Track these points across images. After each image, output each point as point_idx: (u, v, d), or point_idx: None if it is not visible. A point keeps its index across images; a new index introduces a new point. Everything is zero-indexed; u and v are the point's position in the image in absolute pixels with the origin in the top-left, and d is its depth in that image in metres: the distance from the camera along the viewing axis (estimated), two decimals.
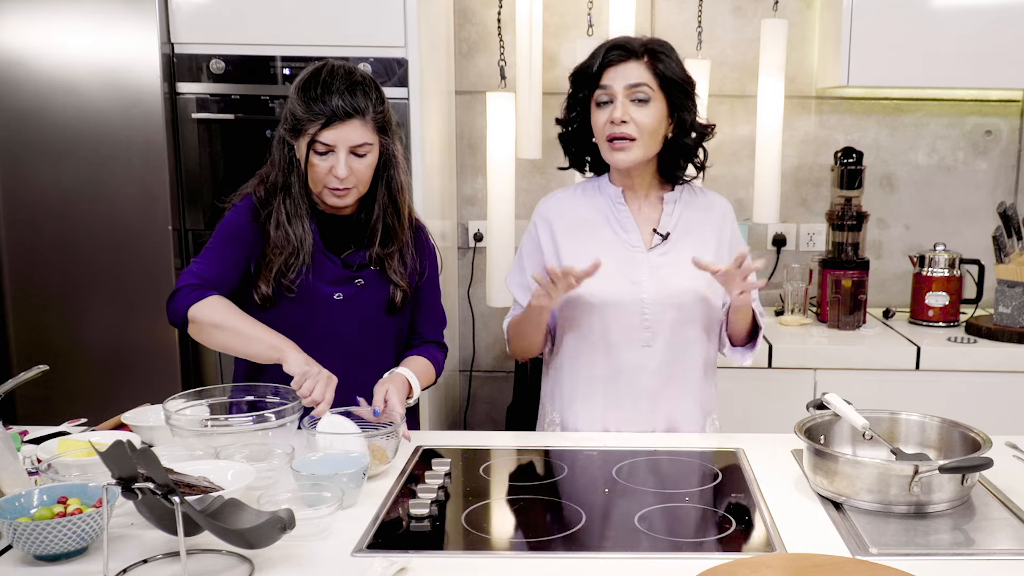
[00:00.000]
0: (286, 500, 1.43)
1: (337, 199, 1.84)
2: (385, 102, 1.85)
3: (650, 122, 1.84)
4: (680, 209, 1.95)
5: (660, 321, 1.89)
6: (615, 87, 1.84)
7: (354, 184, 1.82)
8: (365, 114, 1.79)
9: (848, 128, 3.27)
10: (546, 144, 3.18)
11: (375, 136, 1.82)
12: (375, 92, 1.82)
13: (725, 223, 1.97)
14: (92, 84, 2.58)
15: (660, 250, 1.91)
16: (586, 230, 1.94)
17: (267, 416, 1.64)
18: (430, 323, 2.05)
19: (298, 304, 1.87)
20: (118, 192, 2.63)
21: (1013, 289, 2.86)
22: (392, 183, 1.90)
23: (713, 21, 3.17)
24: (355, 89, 1.79)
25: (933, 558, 1.34)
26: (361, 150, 1.80)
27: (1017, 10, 2.85)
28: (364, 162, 1.82)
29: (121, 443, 1.20)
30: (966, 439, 1.61)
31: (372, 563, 1.28)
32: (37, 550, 1.28)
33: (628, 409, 1.93)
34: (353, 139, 1.79)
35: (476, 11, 3.21)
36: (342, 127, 1.77)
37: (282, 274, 1.85)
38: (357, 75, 1.82)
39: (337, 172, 1.79)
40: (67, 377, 2.63)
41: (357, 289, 1.91)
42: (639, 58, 1.85)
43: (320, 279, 1.88)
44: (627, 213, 1.93)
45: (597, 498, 1.58)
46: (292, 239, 1.84)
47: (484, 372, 3.43)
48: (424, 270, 1.99)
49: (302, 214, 1.86)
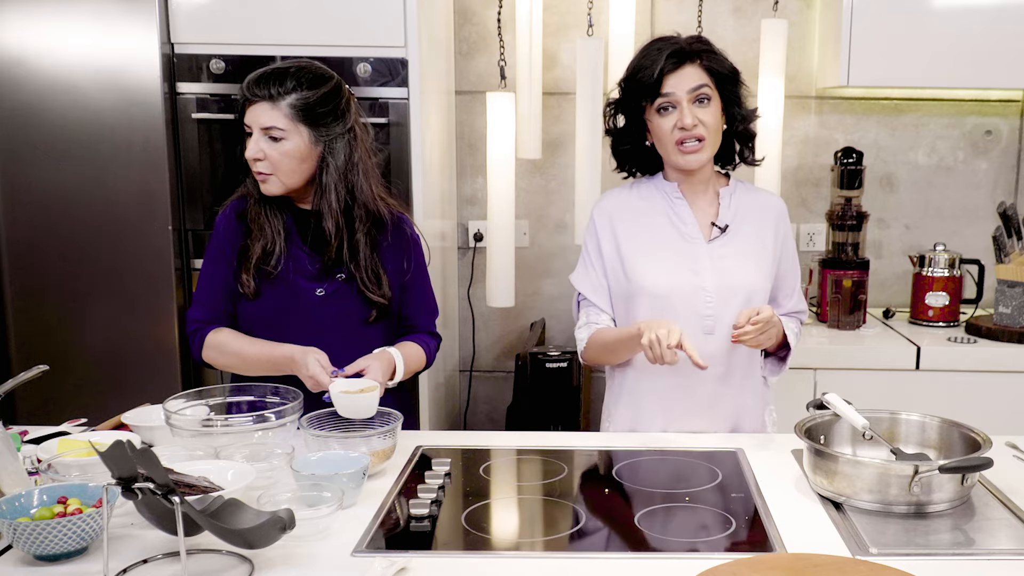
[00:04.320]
0: (286, 500, 1.43)
1: (262, 184, 1.87)
2: (316, 93, 1.84)
3: (714, 120, 1.89)
4: (736, 203, 1.98)
5: (722, 310, 1.91)
6: (678, 93, 1.87)
7: (270, 170, 1.85)
8: (276, 99, 1.82)
9: (848, 128, 3.27)
10: (546, 144, 3.18)
11: (290, 124, 1.83)
12: (303, 82, 1.84)
13: (780, 220, 2.01)
14: (92, 84, 2.58)
15: (720, 242, 1.95)
16: (646, 224, 1.97)
17: (267, 416, 1.64)
18: (421, 313, 2.05)
19: (281, 299, 1.91)
20: (118, 192, 2.63)
21: (1013, 289, 2.86)
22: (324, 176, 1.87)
23: (713, 21, 3.17)
24: (274, 76, 1.84)
25: (933, 558, 1.34)
26: (272, 133, 1.83)
27: (1017, 10, 2.85)
28: (278, 147, 1.84)
29: (121, 443, 1.20)
30: (966, 439, 1.61)
31: (372, 563, 1.28)
32: (37, 550, 1.28)
33: (692, 398, 1.95)
34: (262, 121, 1.83)
35: (476, 11, 3.21)
36: (254, 108, 1.84)
37: (263, 261, 1.89)
38: (284, 66, 1.86)
39: (247, 151, 1.85)
40: (67, 377, 2.62)
41: (339, 285, 1.92)
42: (693, 61, 1.88)
43: (299, 274, 1.91)
44: (684, 206, 1.96)
45: (597, 498, 1.58)
46: (268, 224, 1.90)
47: (484, 372, 3.43)
48: (410, 266, 1.99)
49: (273, 205, 1.91)
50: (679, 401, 1.96)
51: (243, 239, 1.93)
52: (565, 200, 3.29)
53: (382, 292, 1.93)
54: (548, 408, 2.80)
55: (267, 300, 1.91)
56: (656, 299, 1.92)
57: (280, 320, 1.91)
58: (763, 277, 1.95)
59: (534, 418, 2.82)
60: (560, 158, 3.29)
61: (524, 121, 2.98)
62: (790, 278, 2.05)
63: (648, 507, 1.52)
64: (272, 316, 1.91)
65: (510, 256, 2.98)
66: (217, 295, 1.95)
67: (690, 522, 1.48)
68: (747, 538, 1.42)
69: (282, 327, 1.90)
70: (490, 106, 2.89)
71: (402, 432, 1.76)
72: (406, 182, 2.67)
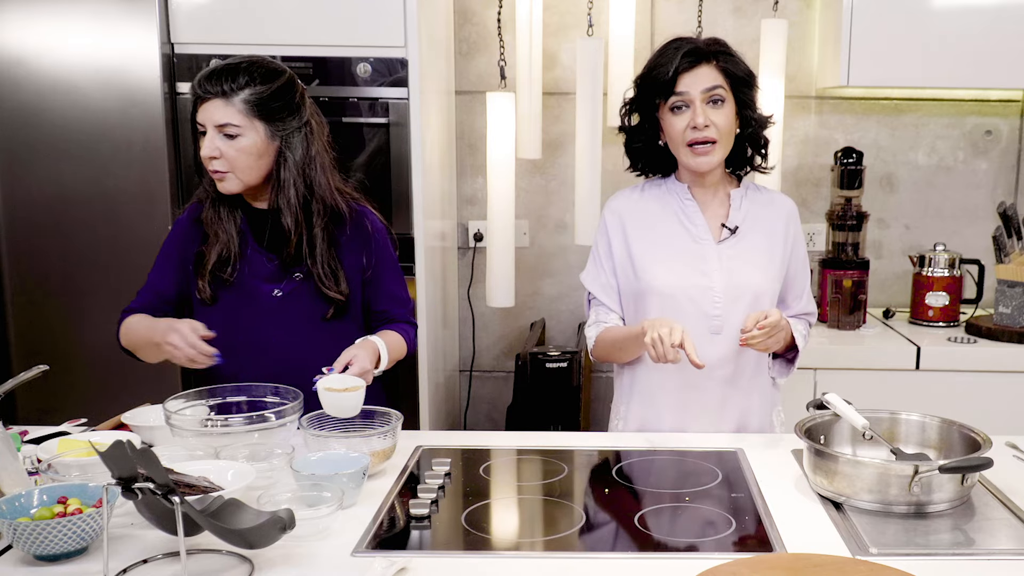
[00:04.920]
0: (286, 500, 1.43)
1: (219, 183, 1.86)
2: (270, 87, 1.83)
3: (727, 123, 1.89)
4: (747, 205, 1.99)
5: (730, 311, 1.91)
6: (692, 92, 1.87)
7: (227, 168, 1.83)
8: (228, 95, 1.80)
9: (848, 128, 3.27)
10: (546, 144, 3.18)
11: (245, 120, 1.81)
12: (256, 77, 1.82)
13: (790, 222, 2.01)
14: (92, 84, 2.58)
15: (729, 243, 1.95)
16: (655, 224, 1.98)
17: (267, 416, 1.64)
18: (394, 304, 2.03)
19: (238, 302, 1.90)
20: (118, 192, 2.63)
21: (1013, 289, 2.86)
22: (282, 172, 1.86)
23: (713, 21, 3.16)
24: (226, 71, 1.82)
25: (933, 558, 1.34)
26: (227, 130, 1.81)
27: (1017, 10, 2.85)
28: (234, 144, 1.82)
29: (121, 443, 1.20)
30: (966, 439, 1.60)
31: (372, 563, 1.28)
32: (37, 550, 1.28)
33: (698, 399, 1.95)
34: (216, 118, 1.81)
35: (476, 11, 3.21)
36: (206, 105, 1.82)
37: (219, 267, 1.89)
38: (235, 62, 1.85)
39: (203, 150, 1.83)
40: (67, 377, 2.62)
41: (296, 285, 1.91)
42: (709, 61, 1.88)
43: (255, 276, 1.91)
44: (695, 207, 1.97)
45: (597, 498, 1.58)
46: (222, 228, 1.89)
47: (484, 372, 3.43)
48: (371, 260, 1.97)
49: (226, 205, 1.90)
50: (686, 400, 1.96)
51: (199, 244, 1.92)
52: (565, 200, 3.29)
53: (339, 289, 1.91)
54: (548, 408, 2.80)
55: (224, 305, 1.91)
56: (665, 299, 1.93)
57: (238, 323, 1.90)
58: (771, 279, 1.95)
59: (534, 418, 2.82)
60: (560, 158, 3.29)
61: (524, 121, 2.98)
62: (799, 279, 2.05)
63: (648, 507, 1.52)
64: (230, 320, 1.89)
65: (510, 256, 2.98)
66: (152, 296, 1.96)
67: (690, 522, 1.48)
68: (747, 538, 1.42)
69: (240, 330, 1.89)
70: (490, 106, 2.89)
71: (402, 432, 1.75)
72: (406, 182, 2.67)
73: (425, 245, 2.72)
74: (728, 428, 1.96)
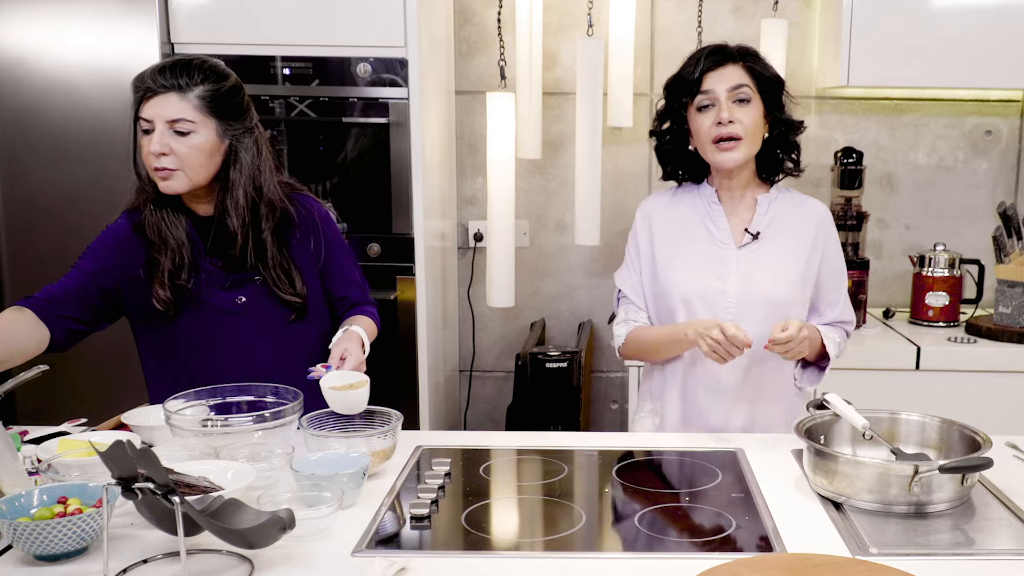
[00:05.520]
0: (286, 500, 1.43)
1: (164, 182, 1.79)
2: (223, 85, 1.80)
3: (753, 122, 1.89)
4: (774, 210, 1.98)
5: (744, 316, 1.91)
6: (717, 90, 1.88)
7: (176, 165, 1.77)
8: (184, 90, 1.76)
9: (848, 128, 3.27)
10: (546, 144, 3.18)
11: (199, 116, 1.77)
12: (209, 74, 1.79)
13: (821, 230, 1.99)
14: (92, 84, 2.58)
15: (750, 248, 1.95)
16: (681, 228, 1.99)
17: (267, 416, 1.64)
18: (352, 288, 2.02)
19: (203, 313, 1.87)
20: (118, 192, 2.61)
21: (1013, 289, 2.86)
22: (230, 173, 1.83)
23: (713, 21, 3.16)
24: (177, 67, 1.77)
25: (933, 558, 1.34)
26: (180, 127, 1.76)
27: (1017, 10, 2.85)
28: (186, 142, 1.76)
29: (121, 443, 1.20)
30: (966, 439, 1.60)
31: (372, 563, 1.28)
32: (37, 550, 1.28)
33: (710, 404, 1.96)
34: (169, 113, 1.75)
35: (476, 11, 3.21)
36: (157, 99, 1.75)
37: (174, 275, 1.84)
38: (189, 58, 1.81)
39: (151, 146, 1.76)
40: (67, 377, 2.62)
41: (258, 288, 1.89)
42: (735, 61, 1.90)
43: (213, 285, 1.87)
44: (720, 211, 1.98)
45: (597, 498, 1.58)
46: (170, 235, 1.83)
47: (484, 372, 3.43)
48: (320, 249, 1.95)
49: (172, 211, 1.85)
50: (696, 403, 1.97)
51: (145, 253, 1.86)
52: (565, 200, 3.29)
53: (295, 291, 1.89)
54: (548, 408, 2.81)
55: (188, 321, 1.87)
56: (680, 301, 1.94)
57: (207, 337, 1.86)
58: (791, 287, 1.93)
59: (534, 418, 2.82)
60: (560, 158, 3.29)
61: (524, 121, 2.98)
62: (832, 287, 2.01)
63: (648, 507, 1.52)
64: (199, 336, 1.86)
65: (510, 256, 2.98)
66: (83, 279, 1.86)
67: (690, 522, 1.48)
68: (747, 538, 1.41)
69: (211, 344, 1.87)
70: (490, 106, 2.89)
71: (402, 432, 1.75)
72: (406, 182, 2.67)
73: (425, 245, 2.72)
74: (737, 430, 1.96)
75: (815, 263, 1.97)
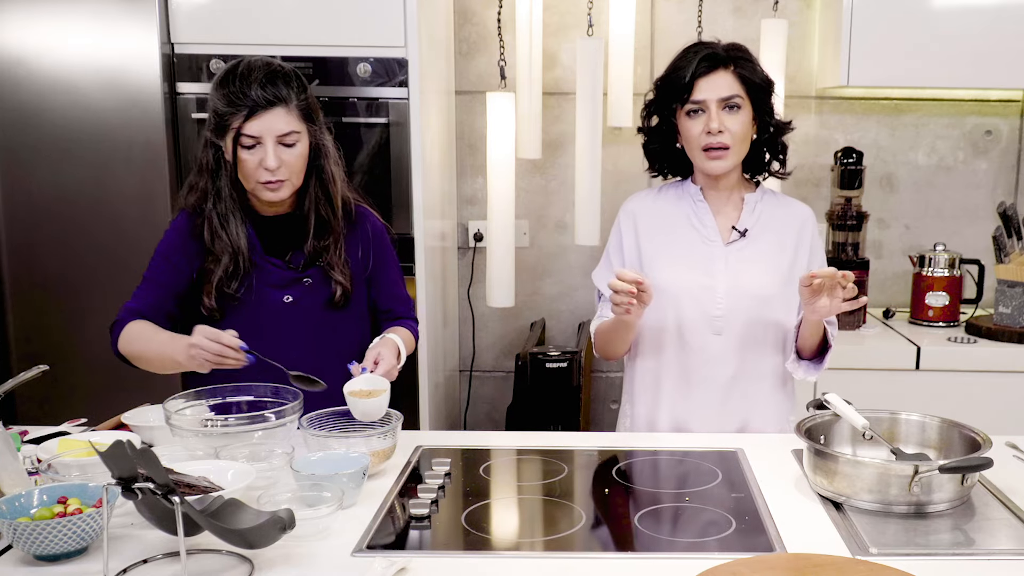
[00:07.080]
0: (286, 500, 1.43)
1: (271, 192, 1.81)
2: (307, 90, 1.83)
3: (742, 129, 1.90)
4: (760, 209, 1.99)
5: (733, 314, 1.92)
6: (708, 99, 1.88)
7: (286, 176, 1.79)
8: (288, 102, 1.77)
9: (848, 128, 3.27)
10: (546, 144, 3.18)
11: (302, 124, 1.80)
12: (296, 81, 1.81)
13: (805, 229, 2.00)
14: (92, 84, 2.58)
15: (737, 246, 1.96)
16: (667, 226, 2.00)
17: (267, 416, 1.64)
18: (398, 303, 2.05)
19: (248, 311, 1.87)
20: (118, 192, 2.63)
21: (1013, 289, 2.86)
22: (323, 173, 1.88)
23: (713, 21, 3.16)
24: (274, 78, 1.77)
25: (933, 558, 1.34)
26: (288, 139, 1.78)
27: (1017, 10, 2.85)
28: (294, 152, 1.79)
29: (121, 443, 1.20)
30: (966, 439, 1.60)
31: (372, 563, 1.28)
32: (37, 550, 1.28)
33: (699, 402, 1.96)
34: (279, 128, 1.76)
35: (476, 11, 3.21)
36: (266, 116, 1.75)
37: (224, 283, 1.84)
38: (275, 65, 1.81)
39: (267, 163, 1.76)
40: (67, 377, 2.62)
41: (306, 289, 1.91)
42: (727, 67, 1.90)
43: (266, 284, 1.88)
44: (706, 209, 1.98)
45: (597, 498, 1.58)
46: (228, 245, 1.84)
47: (484, 372, 3.43)
48: (370, 260, 1.97)
49: (236, 218, 1.85)
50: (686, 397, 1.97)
51: (202, 260, 1.87)
52: (565, 200, 3.29)
53: (347, 276, 1.92)
54: (548, 408, 2.81)
55: (236, 316, 1.87)
56: (668, 298, 1.94)
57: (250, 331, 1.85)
58: (778, 283, 1.94)
59: (534, 418, 2.82)
60: (560, 158, 3.29)
61: (524, 121, 2.98)
62: None
63: (648, 507, 1.52)
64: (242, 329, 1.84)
65: (510, 256, 2.98)
66: (163, 293, 1.87)
67: (690, 522, 1.48)
68: (747, 538, 1.41)
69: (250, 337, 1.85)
70: (490, 106, 2.89)
71: (402, 432, 1.76)
72: (406, 182, 2.67)
73: (425, 245, 2.72)
74: (730, 429, 1.96)
75: (802, 259, 1.98)
